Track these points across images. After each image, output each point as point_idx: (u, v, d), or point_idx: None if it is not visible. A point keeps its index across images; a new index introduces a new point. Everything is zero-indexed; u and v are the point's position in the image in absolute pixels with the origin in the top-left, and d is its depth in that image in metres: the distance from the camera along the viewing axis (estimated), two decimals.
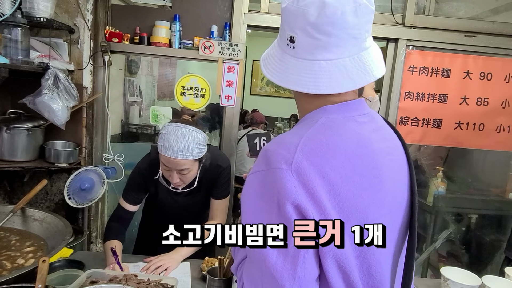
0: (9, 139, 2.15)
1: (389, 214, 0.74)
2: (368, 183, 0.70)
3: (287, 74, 0.75)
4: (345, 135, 0.72)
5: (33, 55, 2.10)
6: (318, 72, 0.73)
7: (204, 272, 1.50)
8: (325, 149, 0.68)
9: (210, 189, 1.79)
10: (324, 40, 0.71)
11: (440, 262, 3.01)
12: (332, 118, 0.74)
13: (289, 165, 0.65)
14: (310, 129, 0.70)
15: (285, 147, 0.68)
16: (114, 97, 2.85)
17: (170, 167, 1.55)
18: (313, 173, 0.65)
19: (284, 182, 0.64)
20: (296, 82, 0.74)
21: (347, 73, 0.73)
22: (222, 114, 2.65)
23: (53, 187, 2.51)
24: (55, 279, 1.32)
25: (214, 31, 2.53)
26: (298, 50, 0.74)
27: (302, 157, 0.66)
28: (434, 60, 2.55)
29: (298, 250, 0.64)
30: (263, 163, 0.69)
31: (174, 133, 1.51)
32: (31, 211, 1.60)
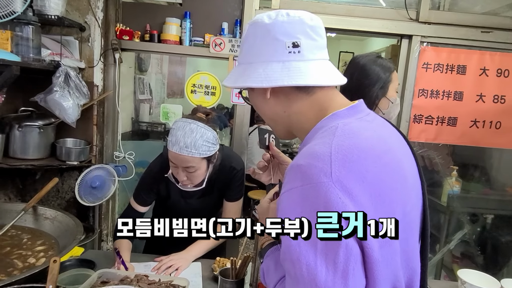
0: (21, 137, 2.16)
1: (415, 204, 0.78)
2: (398, 176, 0.72)
3: (308, 75, 0.79)
4: (366, 136, 0.73)
5: (44, 53, 2.10)
6: (325, 68, 0.81)
7: (216, 272, 1.48)
8: (357, 153, 0.68)
9: (223, 191, 1.76)
10: (320, 41, 0.81)
11: (454, 263, 2.95)
12: (348, 122, 0.75)
13: (329, 177, 0.64)
14: (335, 137, 0.70)
15: (318, 158, 0.66)
16: (124, 94, 2.84)
17: (177, 163, 1.51)
18: (353, 180, 0.65)
19: (329, 195, 0.63)
20: (317, 79, 0.79)
21: (335, 72, 0.83)
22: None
23: (64, 185, 2.52)
24: (66, 279, 1.31)
25: (224, 28, 2.51)
26: (304, 52, 0.79)
27: (339, 166, 0.65)
28: (449, 56, 2.49)
29: (347, 264, 0.62)
30: (298, 179, 0.67)
31: (182, 129, 1.47)
32: (42, 209, 1.60)
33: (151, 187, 1.72)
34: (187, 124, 1.48)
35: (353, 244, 0.63)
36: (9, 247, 1.38)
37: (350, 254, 0.62)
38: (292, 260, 0.66)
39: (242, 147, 2.64)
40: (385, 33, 2.50)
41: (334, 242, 0.63)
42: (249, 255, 1.22)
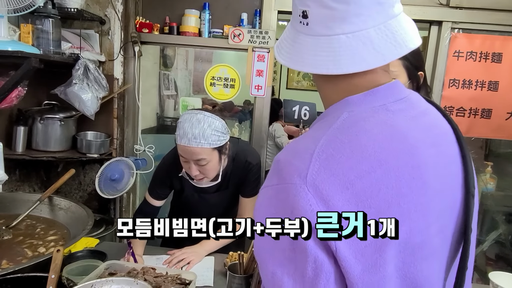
0: (43, 129, 2.20)
1: (437, 221, 0.60)
2: (407, 188, 0.56)
3: (302, 55, 0.64)
4: (373, 131, 0.58)
5: (64, 46, 2.12)
6: (337, 48, 0.61)
7: (227, 267, 1.44)
8: (348, 153, 0.55)
9: (239, 186, 1.70)
10: (342, 8, 0.59)
11: (488, 265, 2.77)
12: (357, 112, 0.61)
13: (303, 179, 0.53)
14: (329, 130, 0.58)
15: (298, 155, 0.56)
16: (149, 90, 2.86)
17: (187, 157, 1.46)
18: (334, 185, 0.53)
19: (297, 199, 0.53)
20: (312, 64, 0.62)
21: (372, 46, 0.60)
22: None
23: (86, 177, 2.56)
24: (75, 269, 1.30)
25: (244, 19, 2.45)
26: (312, 25, 0.62)
27: (318, 167, 0.54)
28: (483, 43, 2.33)
29: (316, 282, 0.53)
30: (276, 176, 0.58)
31: (189, 120, 1.42)
32: (57, 200, 1.61)
33: (165, 181, 1.69)
34: (194, 115, 1.43)
35: (324, 260, 0.53)
36: (22, 236, 1.39)
37: (320, 271, 0.52)
38: (260, 264, 0.58)
39: (262, 141, 2.59)
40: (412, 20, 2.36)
41: (301, 253, 0.53)
42: None
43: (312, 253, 0.53)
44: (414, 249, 0.57)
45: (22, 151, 2.17)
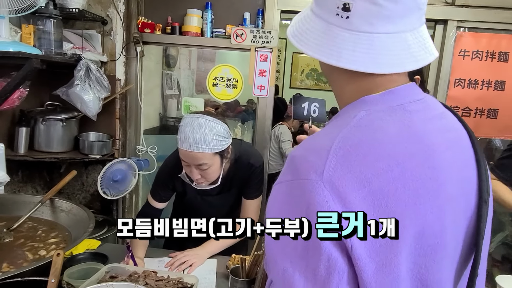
0: (45, 130, 2.20)
1: (451, 225, 0.59)
2: (423, 188, 0.56)
3: (339, 49, 0.61)
4: (390, 131, 0.58)
5: (66, 46, 2.11)
6: (378, 47, 0.60)
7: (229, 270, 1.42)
8: (366, 151, 0.55)
9: (241, 188, 1.68)
10: (389, 7, 0.58)
11: (494, 267, 2.74)
12: (374, 111, 0.60)
13: (319, 175, 0.53)
14: (347, 127, 0.58)
15: (315, 152, 0.56)
16: (150, 89, 2.85)
17: (188, 161, 1.45)
18: (351, 183, 0.53)
19: (313, 196, 0.53)
20: (350, 59, 0.61)
21: (409, 50, 0.61)
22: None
23: (88, 178, 2.55)
24: (76, 272, 1.28)
25: (246, 18, 2.44)
26: (353, 20, 0.60)
27: (335, 164, 0.53)
28: (489, 42, 2.29)
29: (329, 280, 0.52)
30: (289, 172, 0.58)
31: (190, 124, 1.40)
32: (59, 202, 1.60)
33: (167, 184, 1.67)
34: (195, 119, 1.41)
35: (338, 258, 0.52)
36: (23, 238, 1.38)
37: (333, 270, 0.52)
38: (270, 260, 0.58)
39: (265, 141, 2.57)
40: None
41: (315, 250, 0.53)
42: (260, 254, 1.15)
43: (326, 251, 0.52)
44: (427, 251, 0.56)
45: (24, 152, 2.16)
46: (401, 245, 0.53)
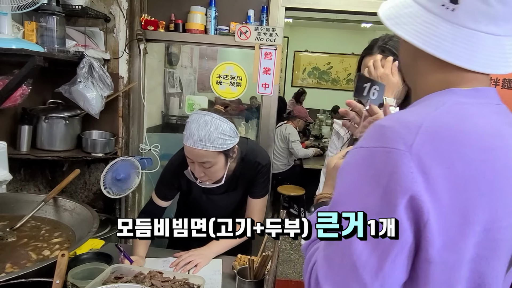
0: (47, 128, 2.17)
1: (507, 228, 0.61)
2: (501, 183, 0.58)
3: (438, 39, 0.63)
4: (479, 124, 0.60)
5: (69, 44, 2.09)
6: (477, 45, 0.62)
7: (236, 270, 1.40)
8: (454, 135, 0.57)
9: (248, 187, 1.66)
10: (498, 8, 0.59)
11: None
12: (463, 103, 0.62)
13: (408, 147, 0.55)
14: (437, 111, 0.60)
15: (405, 125, 0.58)
16: (153, 88, 2.82)
17: (192, 158, 1.43)
18: (436, 160, 0.55)
19: (399, 165, 0.54)
20: (449, 52, 0.62)
21: (505, 55, 0.63)
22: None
23: (91, 177, 2.53)
24: (80, 273, 1.27)
25: (250, 16, 2.41)
26: (459, 14, 0.61)
27: (424, 140, 0.55)
28: None
29: (390, 248, 0.55)
30: (375, 139, 0.59)
31: (196, 121, 1.39)
32: (62, 201, 1.58)
33: (172, 182, 1.65)
34: (202, 116, 1.40)
35: (407, 229, 0.54)
36: (27, 238, 1.36)
37: (397, 240, 0.54)
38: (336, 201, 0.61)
39: (269, 140, 2.54)
40: None
41: (386, 215, 0.55)
42: (268, 255, 1.13)
43: (400, 215, 0.54)
44: (492, 245, 0.59)
45: (26, 150, 2.14)
46: (470, 231, 0.55)
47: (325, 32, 7.59)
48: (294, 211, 4.79)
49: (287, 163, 4.57)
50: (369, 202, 0.57)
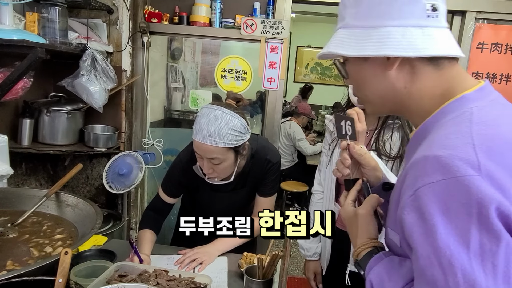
0: (49, 122, 2.13)
1: None
2: None
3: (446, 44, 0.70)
4: (507, 123, 0.63)
5: (71, 36, 2.04)
6: (451, 37, 0.72)
7: (242, 269, 1.36)
8: (502, 144, 0.59)
9: (257, 185, 1.62)
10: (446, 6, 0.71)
11: None
12: (482, 106, 0.66)
13: (477, 170, 0.56)
14: (472, 125, 0.62)
15: (460, 149, 0.58)
16: (156, 82, 2.78)
17: (201, 154, 1.38)
18: (504, 174, 0.56)
19: (481, 189, 0.54)
20: (455, 49, 0.70)
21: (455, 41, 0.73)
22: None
23: (93, 171, 2.49)
24: (83, 270, 1.23)
25: (256, 8, 2.36)
26: (441, 18, 0.69)
27: (486, 158, 0.57)
28: (509, 35, 2.21)
29: (508, 266, 0.53)
30: (438, 172, 0.58)
31: (206, 116, 1.34)
32: (65, 196, 1.54)
33: (180, 179, 1.61)
34: (212, 110, 1.34)
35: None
36: (28, 234, 1.32)
37: (511, 254, 0.53)
38: (442, 265, 0.56)
39: (274, 136, 2.50)
40: None
41: (491, 240, 0.53)
42: (277, 254, 1.09)
43: (506, 237, 0.53)
44: None
45: (28, 144, 2.11)
46: None
47: (329, 28, 7.43)
48: (295, 208, 4.76)
49: (291, 159, 4.53)
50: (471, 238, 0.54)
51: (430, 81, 0.70)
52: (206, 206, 1.65)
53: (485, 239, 0.54)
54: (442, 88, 0.70)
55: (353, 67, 0.77)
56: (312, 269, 1.62)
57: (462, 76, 0.71)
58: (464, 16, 2.23)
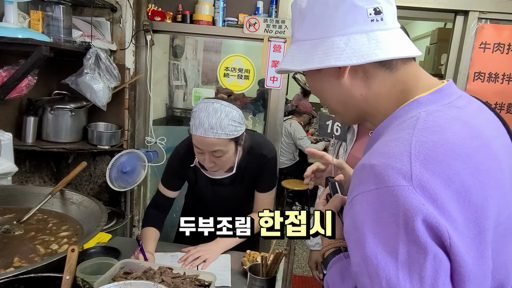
0: (53, 120, 2.14)
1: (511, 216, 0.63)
2: (494, 180, 0.59)
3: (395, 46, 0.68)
4: (455, 129, 0.60)
5: (75, 34, 2.05)
6: (403, 37, 0.70)
7: (245, 267, 1.38)
8: (442, 151, 0.57)
9: (254, 181, 1.63)
10: (394, 5, 0.71)
11: None
12: (432, 111, 0.63)
13: (408, 180, 0.55)
14: (415, 130, 0.60)
15: (395, 158, 0.57)
16: (158, 80, 2.79)
17: (203, 148, 1.39)
18: (438, 184, 0.54)
19: (409, 200, 0.54)
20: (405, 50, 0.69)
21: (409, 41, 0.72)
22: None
23: (96, 169, 2.51)
24: (89, 267, 1.25)
25: (259, 7, 2.37)
26: (386, 20, 0.68)
27: (420, 168, 0.55)
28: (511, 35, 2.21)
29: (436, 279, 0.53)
30: (372, 181, 0.58)
31: (205, 110, 1.35)
32: (69, 194, 1.55)
33: (178, 172, 1.63)
34: (210, 104, 1.36)
35: (442, 255, 0.53)
36: (34, 231, 1.33)
37: (439, 267, 0.53)
38: (370, 273, 0.56)
39: (276, 134, 2.51)
40: (437, 9, 2.25)
41: (419, 252, 0.53)
42: (281, 252, 1.10)
43: (433, 250, 0.53)
44: (497, 237, 0.59)
45: (32, 142, 2.12)
46: (488, 235, 0.56)
47: None
48: (295, 206, 4.77)
49: (292, 158, 4.54)
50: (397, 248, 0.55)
51: (384, 85, 0.69)
52: (207, 200, 1.67)
53: (413, 251, 0.53)
54: (398, 90, 0.69)
55: (310, 79, 0.77)
56: (314, 259, 1.65)
57: (421, 77, 0.69)
58: (466, 15, 2.23)
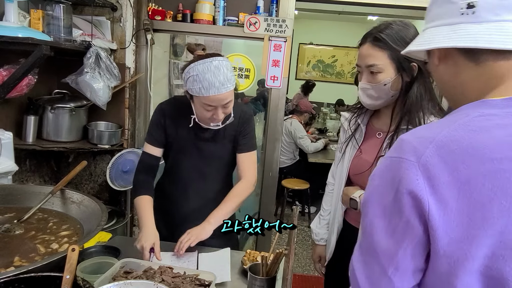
0: (53, 119, 2.15)
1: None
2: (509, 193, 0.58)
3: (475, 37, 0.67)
4: (496, 133, 0.61)
5: (75, 33, 2.05)
6: (508, 32, 0.66)
7: (246, 266, 1.38)
8: (464, 147, 0.60)
9: (234, 141, 1.66)
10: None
11: None
12: (488, 114, 0.64)
13: (417, 159, 0.62)
14: (455, 124, 0.64)
15: (420, 139, 0.65)
16: (158, 79, 2.78)
17: (216, 105, 1.45)
18: (442, 169, 0.60)
19: (407, 172, 0.63)
20: (488, 40, 0.66)
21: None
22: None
23: (96, 168, 2.51)
24: (89, 266, 1.25)
25: (260, 6, 2.36)
26: (480, 13, 0.68)
27: (433, 152, 0.62)
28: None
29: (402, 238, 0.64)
30: (395, 150, 0.68)
31: (208, 70, 1.39)
32: (70, 193, 1.55)
33: (161, 123, 1.62)
34: (209, 63, 1.40)
35: (417, 225, 0.62)
36: (34, 230, 1.33)
37: (408, 233, 0.63)
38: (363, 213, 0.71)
39: (277, 133, 2.51)
40: None
41: (398, 214, 0.63)
42: (281, 251, 1.10)
43: (406, 215, 0.62)
44: (508, 247, 0.60)
45: (32, 141, 2.12)
46: (478, 231, 0.59)
47: (331, 25, 7.50)
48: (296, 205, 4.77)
49: (293, 157, 4.54)
50: (386, 202, 0.66)
51: (469, 77, 0.71)
52: (188, 159, 1.65)
53: (395, 213, 0.64)
54: (480, 84, 0.70)
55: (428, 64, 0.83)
56: (317, 253, 1.66)
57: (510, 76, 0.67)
58: None
